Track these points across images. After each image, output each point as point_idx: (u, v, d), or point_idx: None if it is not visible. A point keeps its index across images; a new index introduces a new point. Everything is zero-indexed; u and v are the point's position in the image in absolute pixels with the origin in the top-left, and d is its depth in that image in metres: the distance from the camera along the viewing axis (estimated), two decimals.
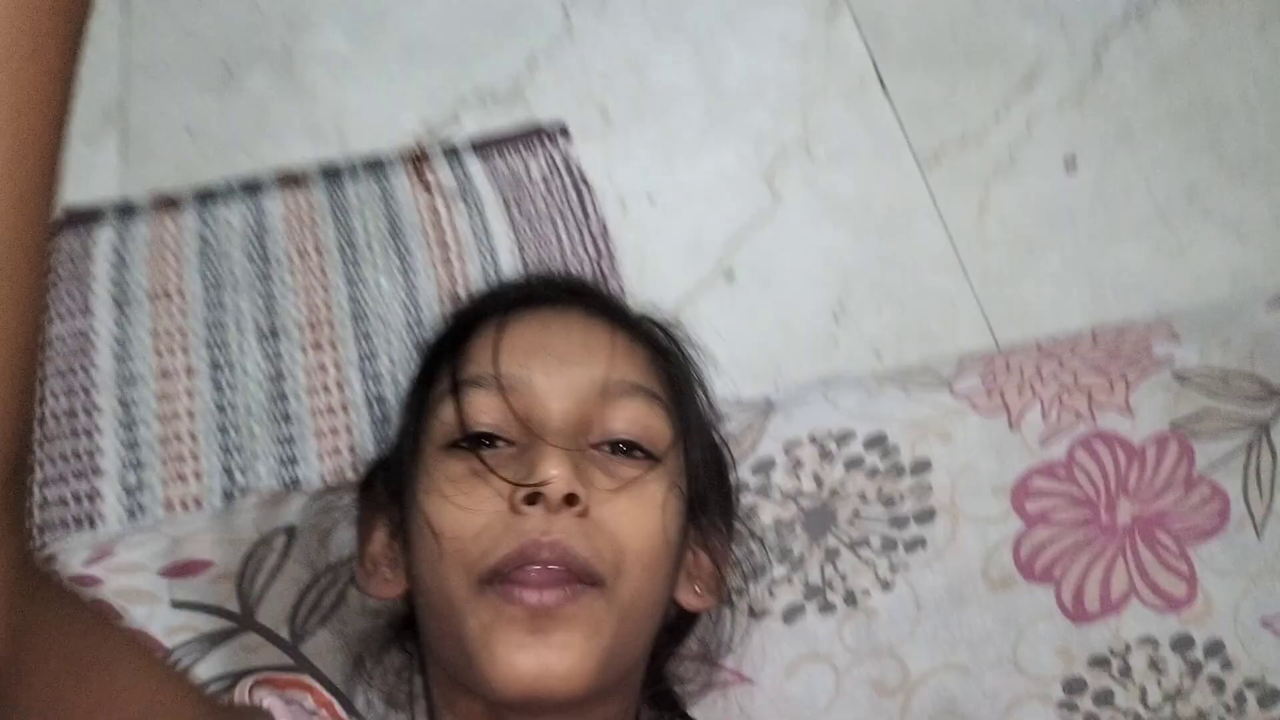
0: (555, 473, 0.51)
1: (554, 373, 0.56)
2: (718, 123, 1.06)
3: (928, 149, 1.04)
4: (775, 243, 0.99)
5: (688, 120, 1.06)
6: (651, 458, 0.57)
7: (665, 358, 0.62)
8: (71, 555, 0.70)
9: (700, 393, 0.65)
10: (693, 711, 0.64)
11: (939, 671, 0.66)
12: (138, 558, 0.69)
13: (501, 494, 0.53)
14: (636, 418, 0.57)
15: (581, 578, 0.52)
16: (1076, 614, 0.67)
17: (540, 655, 0.50)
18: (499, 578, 0.52)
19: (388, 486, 0.60)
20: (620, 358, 0.58)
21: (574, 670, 0.51)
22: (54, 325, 0.94)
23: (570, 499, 0.52)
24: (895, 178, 1.02)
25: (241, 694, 0.53)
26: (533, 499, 0.52)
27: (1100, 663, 0.66)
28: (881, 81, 1.07)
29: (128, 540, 0.71)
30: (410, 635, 0.61)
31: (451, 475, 0.54)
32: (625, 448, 0.56)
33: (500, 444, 0.56)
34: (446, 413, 0.56)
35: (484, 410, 0.55)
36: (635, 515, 0.54)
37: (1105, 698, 0.65)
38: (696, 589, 0.60)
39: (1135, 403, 0.72)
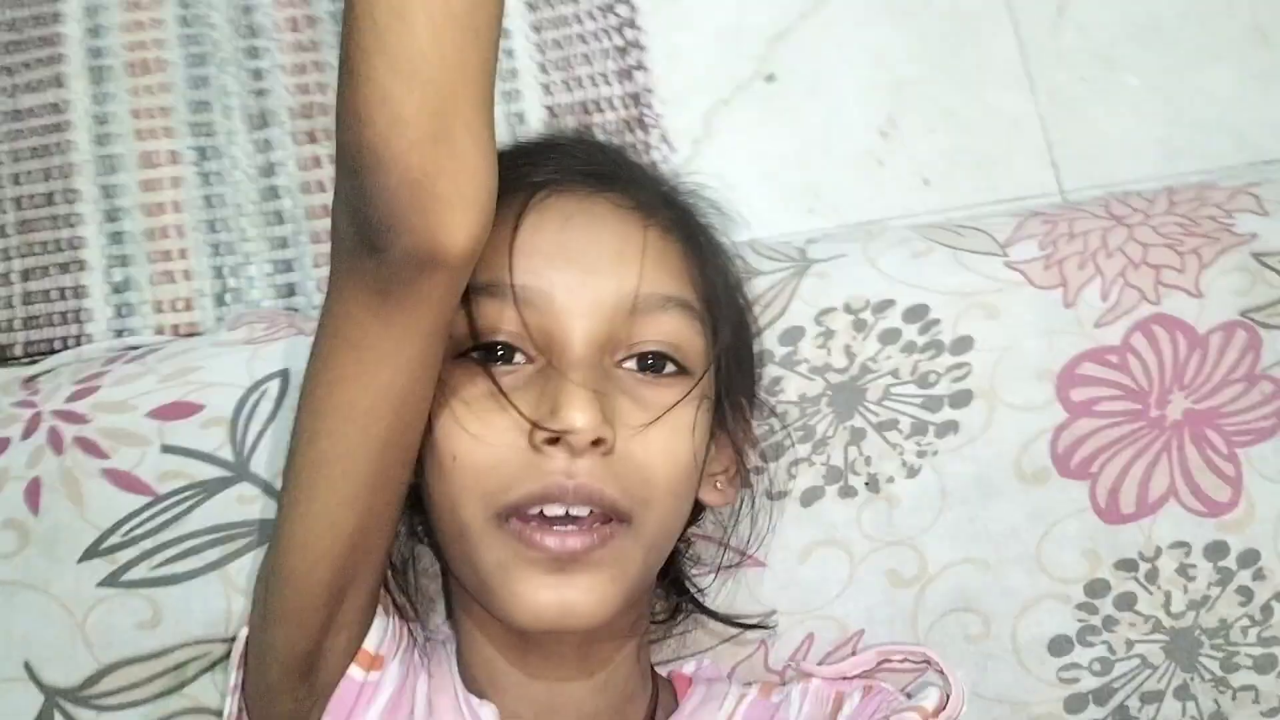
0: (581, 420, 0.47)
1: (577, 286, 0.50)
2: None
3: None
4: (823, 41, 0.89)
5: None
6: (682, 370, 0.52)
7: (699, 249, 0.55)
8: (55, 389, 0.66)
9: (731, 267, 0.58)
10: (700, 594, 0.62)
11: (958, 565, 0.63)
12: (124, 395, 0.65)
13: (520, 427, 0.49)
14: (668, 331, 0.52)
15: (608, 516, 0.49)
16: (1109, 514, 0.63)
17: (564, 595, 0.48)
18: (518, 514, 0.49)
19: None
20: (652, 265, 0.52)
21: (599, 606, 0.49)
22: (21, 95, 0.86)
23: (596, 442, 0.48)
24: None
25: None
26: (555, 439, 0.48)
27: (1127, 565, 0.63)
28: None
29: (114, 374, 0.66)
30: (419, 514, 0.58)
31: (465, 395, 0.50)
32: (653, 360, 0.51)
33: (518, 356, 0.51)
34: (459, 317, 0.50)
35: (498, 320, 0.50)
36: (666, 444, 0.50)
37: (1127, 601, 0.63)
38: (717, 484, 0.57)
39: (1205, 284, 0.66)
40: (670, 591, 0.61)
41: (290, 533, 0.50)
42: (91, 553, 0.62)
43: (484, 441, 0.49)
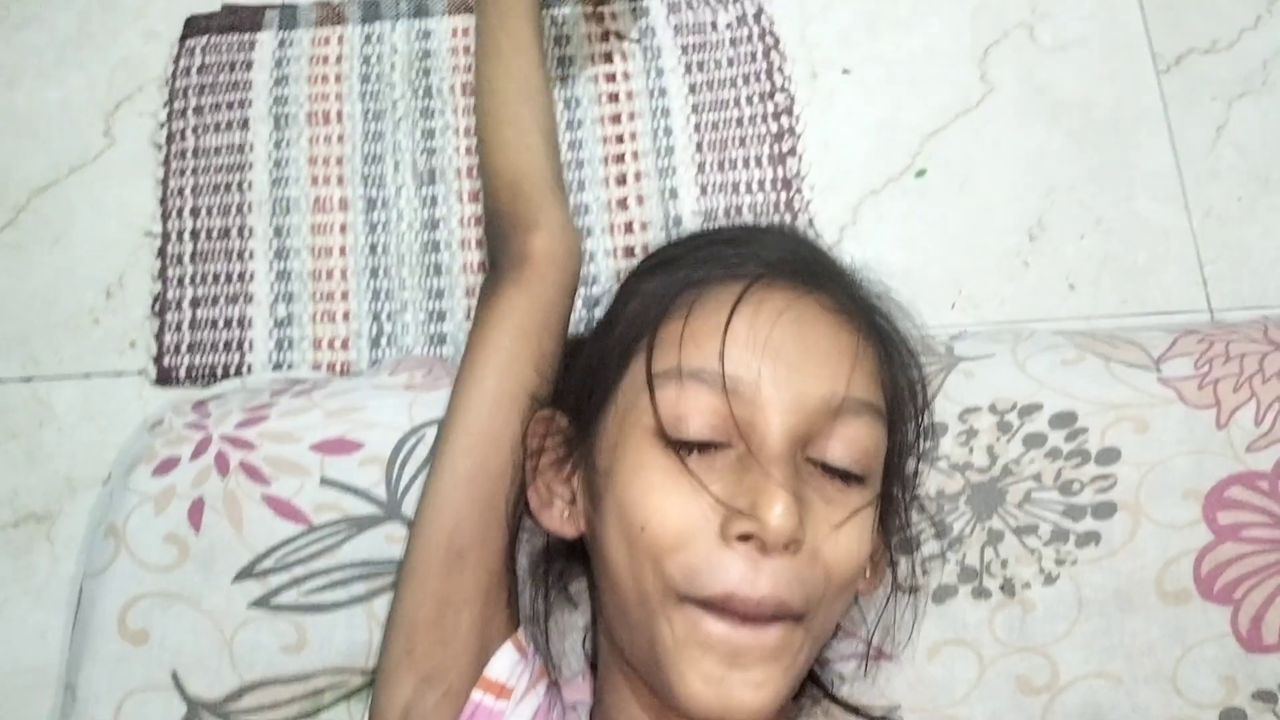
0: (780, 522, 0.48)
1: (784, 383, 0.52)
2: None
3: (1170, 52, 0.91)
4: (978, 139, 0.90)
5: None
6: (861, 477, 0.53)
7: (892, 355, 0.57)
8: (225, 414, 0.70)
9: (917, 372, 0.60)
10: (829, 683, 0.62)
11: (1090, 678, 0.62)
12: (290, 427, 0.69)
13: (713, 511, 0.50)
14: (858, 439, 0.53)
15: (785, 616, 0.50)
16: (1250, 642, 0.62)
17: (734, 689, 0.49)
18: (700, 602, 0.50)
19: (570, 413, 0.58)
20: (855, 369, 0.53)
21: (765, 703, 0.50)
22: (208, 135, 0.92)
23: (789, 544, 0.49)
24: (1126, 81, 0.91)
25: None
26: (747, 536, 0.49)
27: (1265, 697, 0.62)
28: None
29: (281, 406, 0.70)
30: (576, 562, 0.60)
31: (662, 467, 0.51)
32: (837, 470, 0.53)
33: (713, 445, 0.52)
34: (662, 398, 0.52)
35: (701, 411, 0.51)
36: (848, 547, 0.51)
37: None
38: (865, 573, 0.58)
39: None
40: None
41: (425, 491, 0.60)
42: (245, 574, 0.65)
43: (675, 519, 0.50)
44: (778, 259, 0.56)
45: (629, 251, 0.86)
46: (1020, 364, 0.68)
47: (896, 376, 0.57)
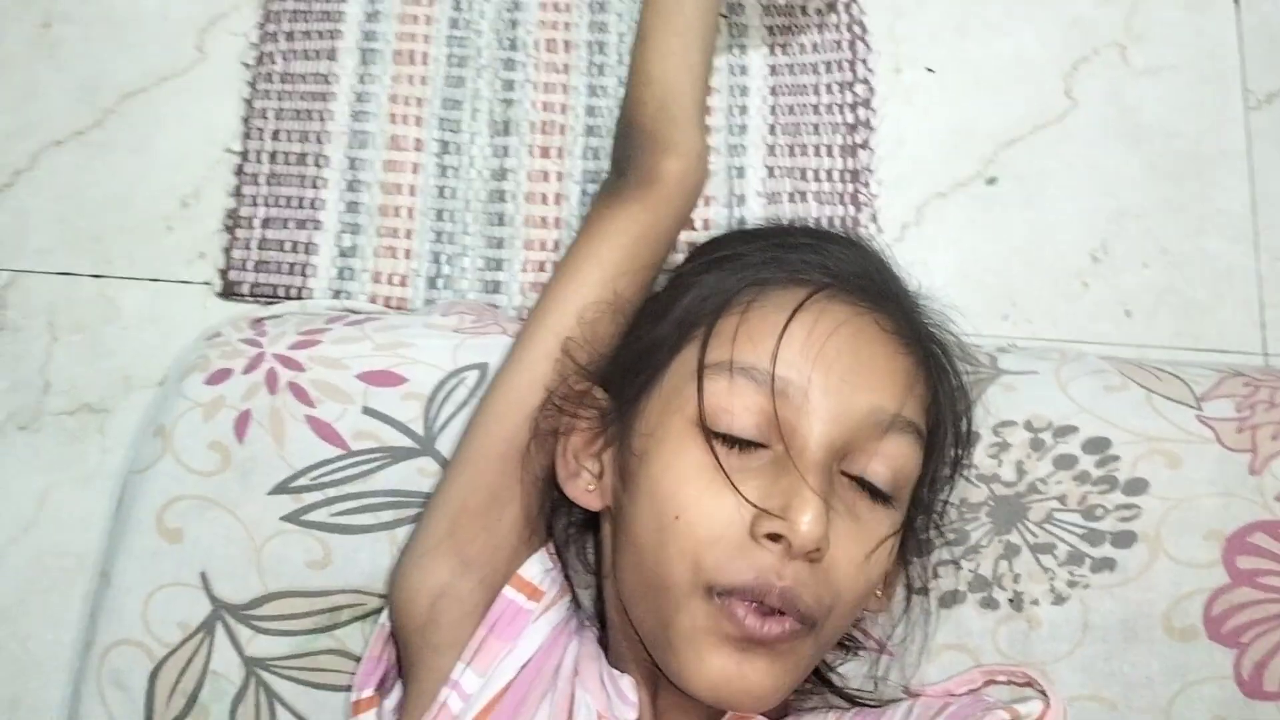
0: (809, 529, 0.49)
1: (834, 392, 0.52)
2: None
3: (1263, 88, 0.90)
4: (1053, 153, 0.89)
5: None
6: (891, 497, 0.54)
7: (940, 386, 0.58)
8: (280, 334, 0.72)
9: (963, 404, 0.61)
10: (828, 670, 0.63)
11: (1085, 700, 0.63)
12: (340, 354, 0.71)
13: (745, 509, 0.51)
14: (897, 457, 0.53)
15: (799, 620, 0.51)
16: (1250, 687, 0.62)
17: (743, 675, 0.50)
18: (725, 593, 0.51)
19: (609, 389, 0.59)
20: (904, 390, 0.54)
21: (768, 694, 0.51)
22: (296, 61, 0.94)
23: (813, 551, 0.50)
24: (1213, 113, 0.89)
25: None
26: (775, 536, 0.50)
27: None
28: None
29: (334, 333, 0.72)
30: (592, 530, 0.62)
31: (702, 462, 0.52)
32: (869, 484, 0.54)
33: (753, 443, 0.53)
34: (710, 389, 0.53)
35: (747, 409, 0.52)
36: (863, 565, 0.52)
37: None
38: (878, 591, 0.59)
39: None
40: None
41: (497, 383, 0.63)
42: (281, 488, 0.68)
43: (709, 513, 0.51)
44: (844, 272, 0.56)
45: (688, 223, 0.87)
46: (1062, 385, 0.68)
47: (942, 409, 0.57)
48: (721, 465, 0.51)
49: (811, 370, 0.52)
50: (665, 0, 0.70)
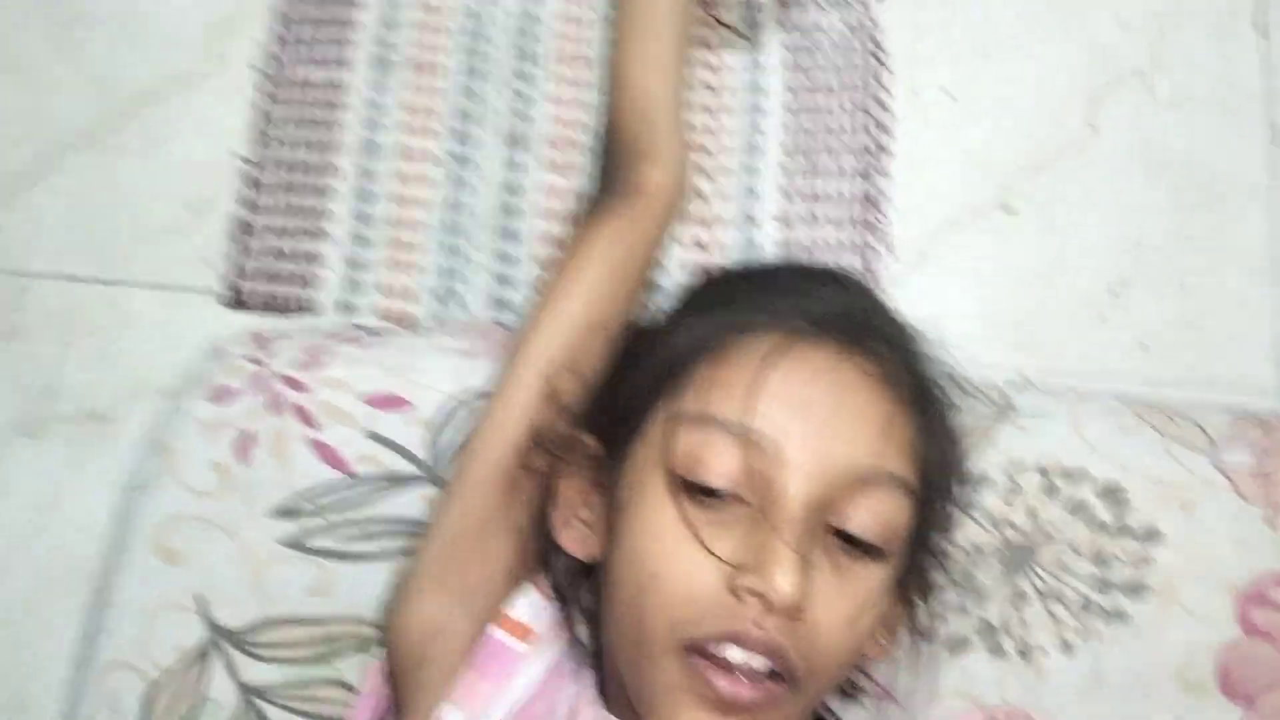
0: (787, 586, 0.48)
1: (810, 446, 0.51)
2: (1054, 23, 0.92)
3: None
4: (1073, 183, 0.88)
5: (1020, 9, 0.92)
6: (882, 552, 0.52)
7: (930, 427, 0.56)
8: (282, 352, 0.71)
9: (956, 445, 0.59)
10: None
11: None
12: (345, 375, 0.70)
13: (721, 567, 0.50)
14: (880, 513, 0.52)
15: (780, 675, 0.50)
16: None
17: None
18: (701, 650, 0.50)
19: (598, 436, 0.58)
20: (887, 441, 0.52)
21: None
22: (309, 69, 0.93)
23: (792, 609, 0.49)
24: (1236, 147, 0.88)
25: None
26: (755, 592, 0.49)
27: None
28: (1263, 23, 0.90)
29: (340, 353, 0.72)
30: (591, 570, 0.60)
31: (673, 514, 0.51)
32: (858, 542, 0.52)
33: (729, 496, 0.52)
34: (685, 442, 0.52)
35: (721, 462, 0.51)
36: (848, 623, 0.51)
37: None
38: (880, 639, 0.57)
39: None
40: None
41: (492, 407, 0.62)
42: (283, 512, 0.67)
43: (684, 570, 0.50)
44: (826, 314, 0.54)
45: (700, 245, 0.86)
46: (1076, 426, 0.67)
47: (932, 451, 0.55)
48: (691, 522, 0.50)
49: (789, 423, 0.51)
50: (639, 3, 0.69)
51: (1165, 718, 0.62)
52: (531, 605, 0.59)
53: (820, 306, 0.55)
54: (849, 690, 0.61)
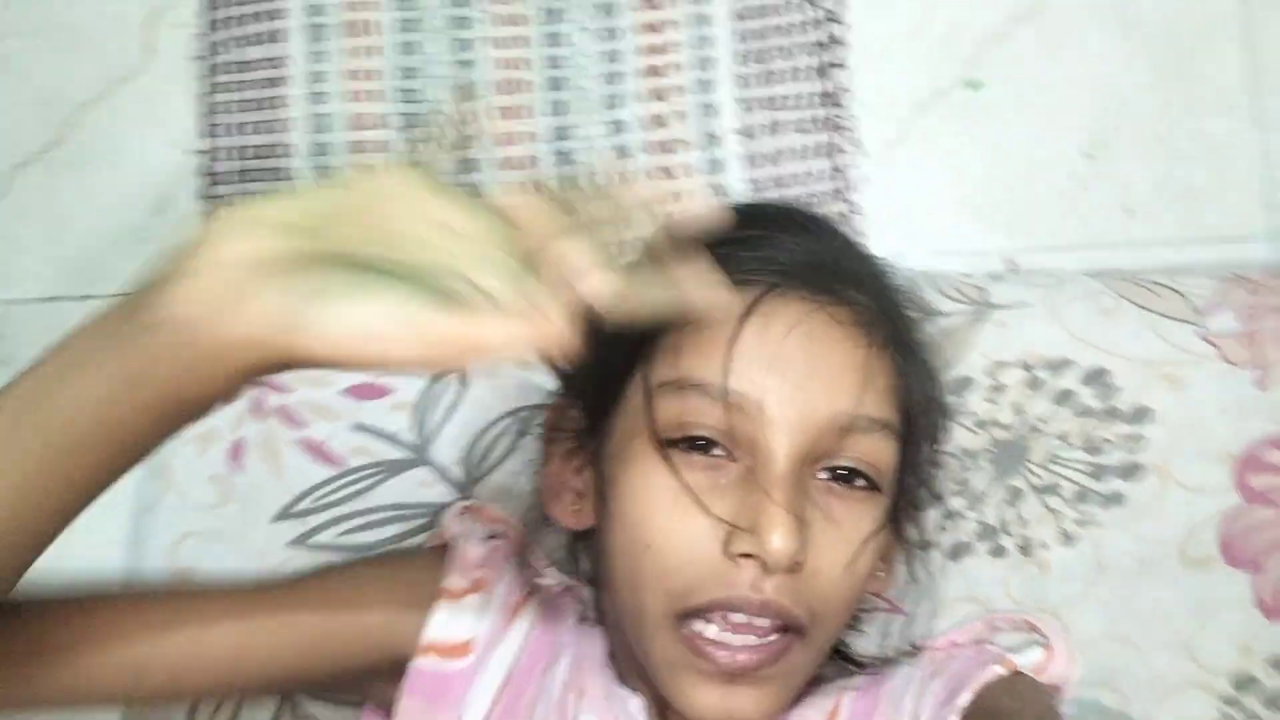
0: (781, 545, 0.48)
1: (790, 400, 0.50)
2: None
3: None
4: (1037, 48, 0.84)
5: None
6: (872, 484, 0.52)
7: (909, 366, 0.54)
8: None
9: (936, 381, 0.57)
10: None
11: (1104, 641, 0.63)
12: (323, 371, 0.70)
13: (717, 530, 0.50)
14: (869, 452, 0.51)
15: (785, 628, 0.50)
16: (1272, 610, 0.62)
17: (731, 702, 0.50)
18: (699, 615, 0.50)
19: (582, 405, 0.57)
20: (866, 387, 0.51)
21: (765, 713, 0.51)
22: (245, 48, 0.90)
23: (791, 567, 0.49)
24: None
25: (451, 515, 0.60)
26: (749, 553, 0.49)
27: None
28: None
29: None
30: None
31: (669, 486, 0.51)
32: (847, 473, 0.52)
33: (717, 450, 0.51)
34: (664, 408, 0.51)
35: (703, 415, 0.50)
36: (847, 566, 0.51)
37: (1276, 702, 0.62)
38: (879, 573, 0.57)
39: None
40: None
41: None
42: (284, 514, 0.68)
43: (679, 539, 0.50)
44: (794, 263, 0.53)
45: (668, 172, 0.85)
46: (1056, 314, 0.66)
47: (914, 391, 0.55)
48: (686, 483, 0.50)
49: (766, 380, 0.50)
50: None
51: (1173, 595, 0.62)
52: (449, 615, 0.57)
53: (787, 256, 0.53)
54: (852, 622, 0.62)
